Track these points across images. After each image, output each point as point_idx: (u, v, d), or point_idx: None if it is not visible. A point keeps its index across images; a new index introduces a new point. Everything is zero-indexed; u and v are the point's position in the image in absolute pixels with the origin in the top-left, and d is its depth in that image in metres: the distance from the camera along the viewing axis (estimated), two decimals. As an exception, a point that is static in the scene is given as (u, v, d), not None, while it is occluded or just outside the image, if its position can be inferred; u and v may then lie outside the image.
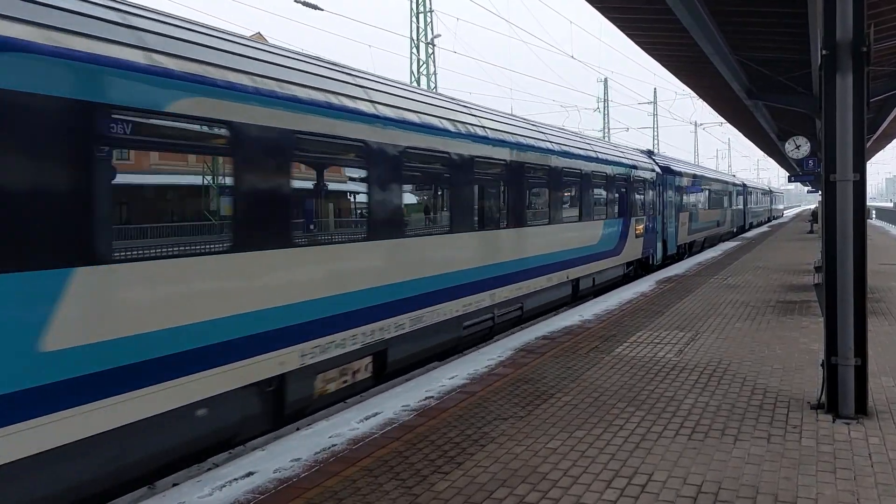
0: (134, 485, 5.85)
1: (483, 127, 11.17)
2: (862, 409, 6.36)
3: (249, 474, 5.37)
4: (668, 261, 23.29)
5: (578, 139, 16.49)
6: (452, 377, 8.13)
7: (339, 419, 6.75)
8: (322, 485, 5.13)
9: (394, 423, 6.52)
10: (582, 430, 6.18)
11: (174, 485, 6.07)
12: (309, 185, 8.11)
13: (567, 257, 14.16)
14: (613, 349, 9.43)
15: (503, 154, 11.61)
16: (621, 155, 18.89)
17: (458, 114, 10.69)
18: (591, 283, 16.06)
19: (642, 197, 19.92)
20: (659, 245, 22.11)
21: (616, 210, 17.40)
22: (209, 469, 6.22)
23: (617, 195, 17.52)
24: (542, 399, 7.17)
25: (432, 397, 7.31)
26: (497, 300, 11.28)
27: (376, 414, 6.80)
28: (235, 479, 5.29)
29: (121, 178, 5.71)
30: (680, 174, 25.39)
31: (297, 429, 7.31)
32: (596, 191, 16.02)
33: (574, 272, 14.59)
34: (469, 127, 10.67)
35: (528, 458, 5.52)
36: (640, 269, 20.35)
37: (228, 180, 6.40)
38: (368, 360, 8.35)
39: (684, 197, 26.06)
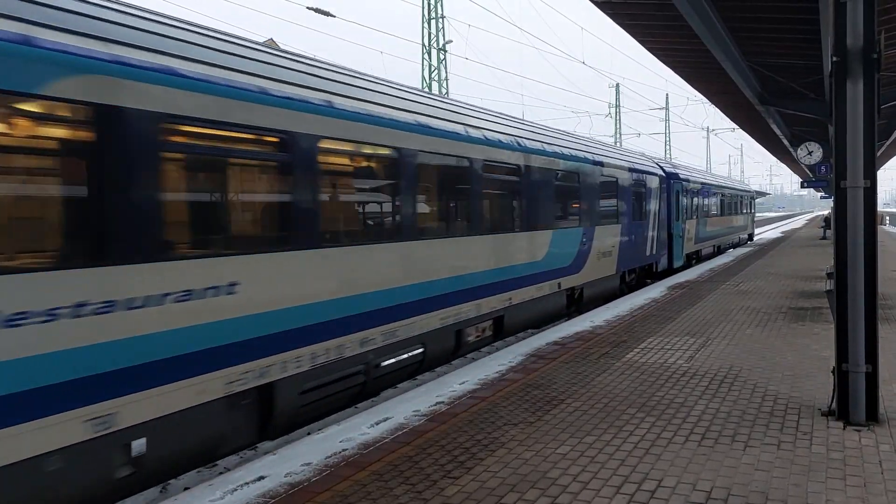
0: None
1: (721, 184, 31.72)
2: (873, 416, 6.34)
3: (261, 478, 5.42)
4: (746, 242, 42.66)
5: (733, 180, 40.53)
6: (463, 382, 8.16)
7: (349, 424, 6.79)
8: (333, 489, 5.17)
9: (404, 427, 6.55)
10: (592, 435, 6.20)
11: (185, 489, 6.12)
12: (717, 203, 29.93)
13: (737, 229, 35.72)
14: (624, 355, 9.43)
15: (727, 192, 32.42)
16: (744, 186, 41.99)
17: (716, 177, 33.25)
18: (737, 240, 36.16)
19: (747, 206, 40.30)
20: (750, 230, 43.55)
21: (742, 211, 37.73)
22: (221, 473, 6.27)
23: (742, 205, 37.47)
24: (552, 404, 7.19)
25: (443, 402, 7.34)
26: (728, 240, 32.96)
27: (387, 419, 6.84)
28: (247, 483, 5.33)
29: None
30: (756, 195, 47.91)
31: (308, 433, 7.36)
32: (735, 204, 35.06)
33: (738, 235, 36.61)
34: (724, 182, 33.45)
35: (537, 464, 5.55)
36: (747, 239, 40.91)
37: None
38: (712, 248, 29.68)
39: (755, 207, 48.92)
